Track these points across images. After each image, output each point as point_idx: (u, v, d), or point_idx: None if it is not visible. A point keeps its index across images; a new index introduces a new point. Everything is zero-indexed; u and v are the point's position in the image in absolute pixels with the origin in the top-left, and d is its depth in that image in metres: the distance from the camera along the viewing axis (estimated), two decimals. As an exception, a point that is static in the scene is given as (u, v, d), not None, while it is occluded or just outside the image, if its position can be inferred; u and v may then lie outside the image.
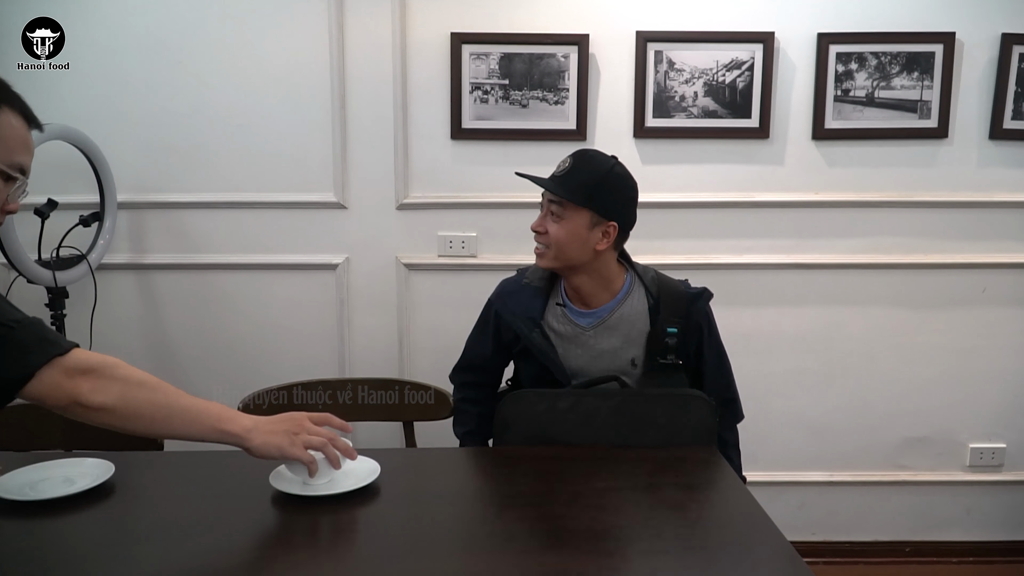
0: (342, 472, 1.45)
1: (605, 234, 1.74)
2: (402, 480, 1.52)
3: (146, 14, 2.55)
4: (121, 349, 2.70)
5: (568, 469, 1.55)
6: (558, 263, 1.77)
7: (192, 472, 1.60)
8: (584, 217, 1.72)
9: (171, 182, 2.64)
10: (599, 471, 1.55)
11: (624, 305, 1.80)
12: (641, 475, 1.54)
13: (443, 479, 1.58)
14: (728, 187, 2.64)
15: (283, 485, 1.43)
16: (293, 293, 2.69)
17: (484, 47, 2.56)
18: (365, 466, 1.51)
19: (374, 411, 2.17)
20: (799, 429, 2.76)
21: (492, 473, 1.66)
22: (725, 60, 2.56)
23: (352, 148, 2.62)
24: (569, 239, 1.72)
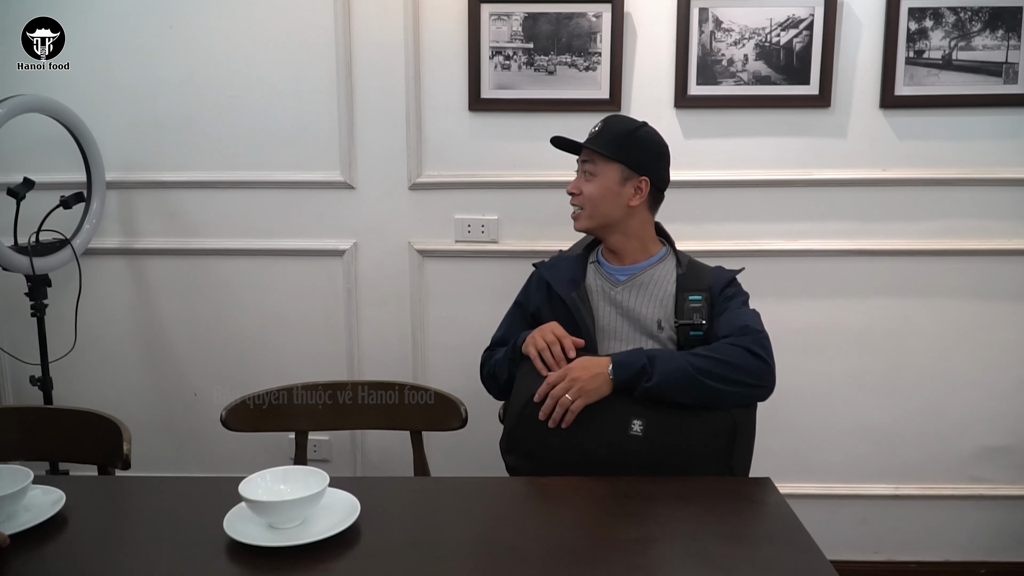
0: (320, 510, 1.20)
1: (637, 189, 1.78)
2: (388, 522, 1.27)
3: (132, -27, 2.31)
4: (110, 341, 2.50)
5: (591, 511, 1.28)
6: (593, 222, 1.81)
7: (146, 505, 1.35)
8: (615, 171, 1.77)
9: (163, 159, 2.41)
10: (626, 513, 1.27)
11: (656, 267, 1.81)
12: (679, 520, 1.26)
13: (438, 521, 1.32)
14: (783, 163, 2.33)
15: (242, 532, 1.18)
16: (296, 282, 2.45)
17: (506, 6, 2.28)
18: (343, 504, 1.26)
19: (377, 418, 1.93)
20: (861, 437, 2.45)
21: (498, 514, 1.37)
22: (780, 18, 2.25)
23: (360, 122, 2.36)
24: (602, 194, 1.78)
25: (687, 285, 1.75)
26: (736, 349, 1.59)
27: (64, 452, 1.83)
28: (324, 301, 2.45)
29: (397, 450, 2.38)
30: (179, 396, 2.52)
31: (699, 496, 1.33)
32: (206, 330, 2.49)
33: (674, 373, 1.52)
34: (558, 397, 1.55)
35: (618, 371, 1.55)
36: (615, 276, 1.81)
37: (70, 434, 1.77)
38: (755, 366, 1.58)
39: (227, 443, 2.24)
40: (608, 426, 1.54)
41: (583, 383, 1.54)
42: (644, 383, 1.53)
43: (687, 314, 1.70)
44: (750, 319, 1.68)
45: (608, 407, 1.55)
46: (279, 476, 1.28)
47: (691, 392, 1.53)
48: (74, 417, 1.78)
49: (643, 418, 1.53)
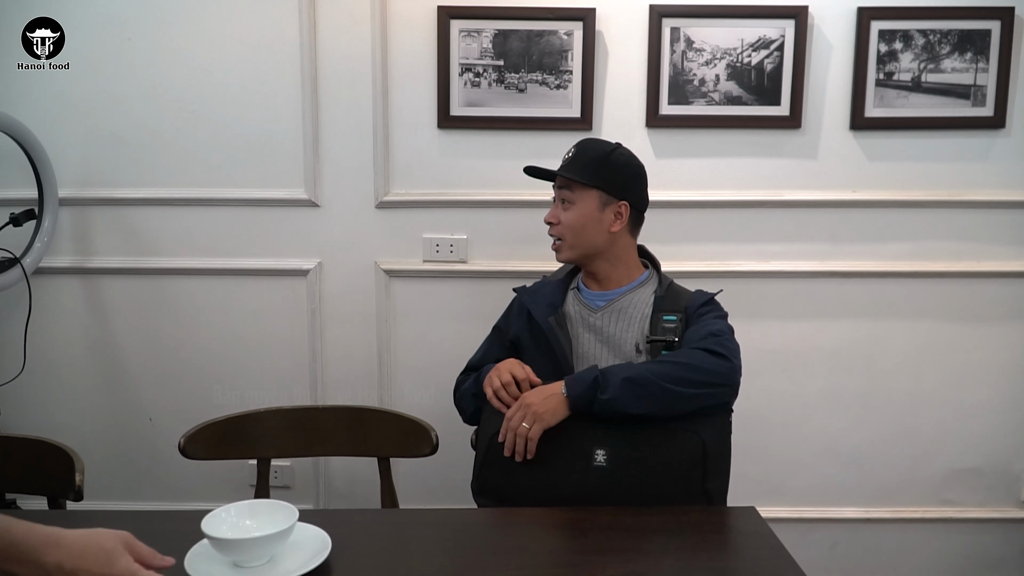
0: (288, 549, 1.14)
1: (618, 215, 1.73)
2: (360, 559, 1.20)
3: (89, -17, 2.24)
4: (61, 365, 2.39)
5: (572, 545, 1.23)
6: (575, 252, 1.76)
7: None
8: (593, 197, 1.72)
9: (119, 176, 2.32)
10: (612, 548, 1.22)
11: (635, 292, 1.77)
12: (666, 555, 1.21)
13: (413, 556, 1.26)
14: (753, 184, 2.32)
15: (205, 572, 1.11)
16: (258, 302, 2.37)
17: (476, 23, 2.24)
18: (312, 540, 1.19)
19: (343, 444, 1.86)
20: (832, 458, 2.44)
21: (476, 549, 1.30)
22: (751, 38, 2.24)
23: (325, 138, 2.30)
24: (582, 222, 1.72)
25: (663, 306, 1.72)
26: (695, 351, 1.55)
27: (11, 483, 1.74)
28: (287, 322, 2.37)
29: (363, 476, 2.31)
30: (134, 422, 2.42)
31: (685, 529, 1.29)
32: (164, 353, 2.40)
33: (628, 381, 1.47)
34: (515, 428, 1.50)
35: (570, 387, 1.51)
36: (594, 302, 1.77)
37: (18, 464, 1.67)
38: (715, 364, 1.53)
39: (186, 471, 2.15)
40: (571, 460, 1.49)
41: (535, 407, 1.50)
42: (600, 395, 1.47)
43: (660, 332, 1.67)
44: (716, 327, 1.64)
45: (568, 439, 1.49)
46: (244, 511, 1.21)
47: (650, 399, 1.47)
48: (22, 445, 1.68)
49: (605, 447, 1.48)
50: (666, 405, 1.48)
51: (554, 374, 1.66)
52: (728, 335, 1.62)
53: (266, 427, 1.84)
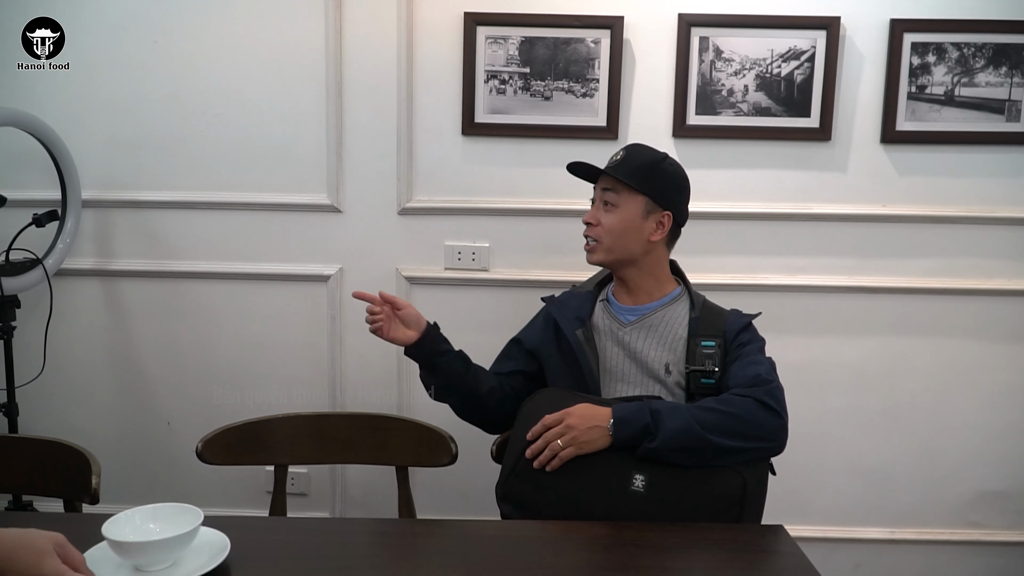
0: (190, 550, 1.15)
1: (659, 224, 1.69)
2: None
3: (117, -15, 2.24)
4: (80, 367, 2.39)
5: (593, 560, 1.20)
6: (611, 256, 1.71)
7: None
8: (639, 203, 1.68)
9: (142, 178, 2.32)
10: (637, 565, 1.19)
11: (668, 308, 1.72)
12: (692, 573, 1.18)
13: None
14: (781, 196, 2.29)
15: (105, 573, 1.10)
16: (279, 307, 2.36)
17: (502, 29, 2.22)
18: (212, 544, 1.19)
19: (361, 452, 1.84)
20: (856, 478, 2.39)
21: (491, 563, 1.26)
22: (781, 49, 2.21)
23: (349, 144, 2.29)
24: (624, 227, 1.68)
25: (700, 330, 1.66)
26: (747, 401, 1.48)
27: (28, 485, 1.73)
28: (307, 328, 2.36)
29: (380, 484, 2.29)
30: (152, 426, 2.41)
31: (711, 546, 1.26)
32: (183, 357, 2.39)
33: (680, 433, 1.41)
34: (550, 440, 1.46)
35: (619, 428, 1.44)
36: (624, 316, 1.72)
37: (35, 465, 1.66)
38: (767, 421, 1.47)
39: (203, 476, 2.13)
40: (608, 481, 1.43)
41: (578, 432, 1.45)
42: (647, 444, 1.42)
43: (699, 360, 1.61)
44: (763, 369, 1.57)
45: (608, 459, 1.45)
46: (148, 514, 1.21)
47: (697, 455, 1.42)
48: (39, 447, 1.67)
49: (646, 472, 1.43)
50: (711, 459, 1.44)
51: (579, 387, 1.64)
52: (776, 384, 1.55)
53: (283, 433, 1.83)
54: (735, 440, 1.44)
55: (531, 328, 1.86)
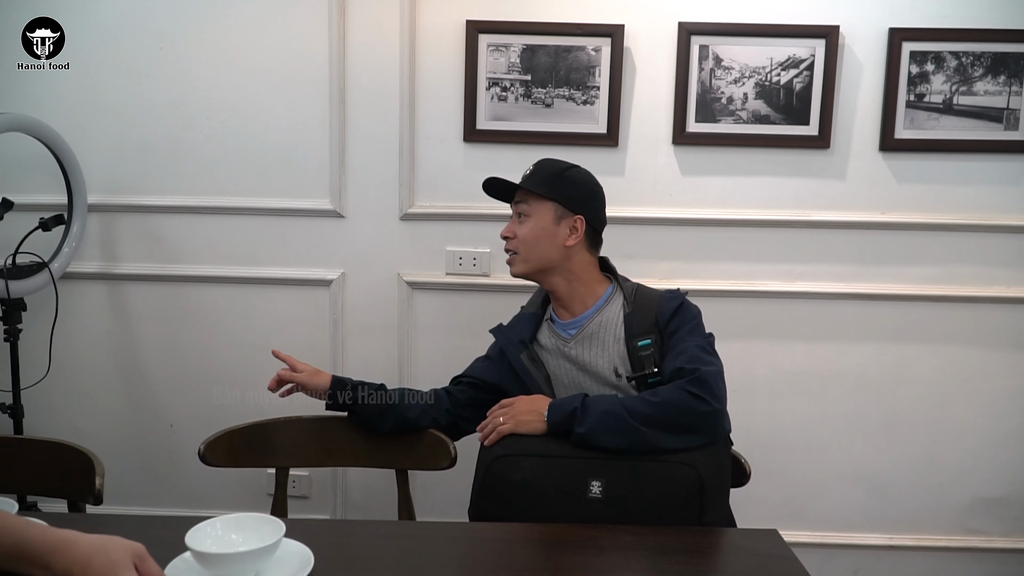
0: (272, 564, 1.13)
1: (573, 229, 1.72)
2: (344, 574, 1.18)
3: (123, -7, 2.27)
4: (85, 369, 2.41)
5: (585, 563, 1.21)
6: (529, 265, 1.74)
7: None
8: (549, 210, 1.71)
9: (147, 183, 2.34)
10: (630, 568, 1.21)
11: (602, 312, 1.73)
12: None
13: (402, 572, 1.24)
14: (780, 203, 2.30)
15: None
16: (281, 311, 2.38)
17: (504, 37, 2.24)
18: (295, 556, 1.18)
19: (362, 455, 1.85)
20: (855, 483, 2.40)
21: (476, 564, 1.28)
22: (781, 57, 2.23)
23: (352, 149, 2.31)
24: (537, 235, 1.71)
25: (634, 328, 1.68)
26: (675, 392, 1.50)
27: (33, 485, 1.74)
28: (310, 332, 2.38)
29: (381, 487, 2.30)
30: (156, 428, 2.43)
31: (705, 549, 1.27)
32: (186, 360, 2.41)
33: (605, 417, 1.47)
34: (495, 418, 1.57)
35: (551, 413, 1.53)
36: (565, 331, 1.74)
37: (39, 466, 1.67)
38: (696, 408, 1.47)
39: (205, 478, 2.15)
40: (566, 490, 1.46)
41: (518, 413, 1.56)
42: (576, 428, 1.48)
43: (639, 363, 1.64)
44: (693, 352, 1.58)
45: (563, 468, 1.47)
46: (231, 524, 1.19)
47: (626, 438, 1.46)
48: (44, 448, 1.68)
49: (601, 478, 1.46)
50: (643, 446, 1.46)
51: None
52: (705, 370, 1.52)
53: (285, 436, 1.85)
54: (663, 431, 1.46)
55: (494, 359, 1.87)
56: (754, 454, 2.31)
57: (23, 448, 1.72)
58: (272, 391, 1.80)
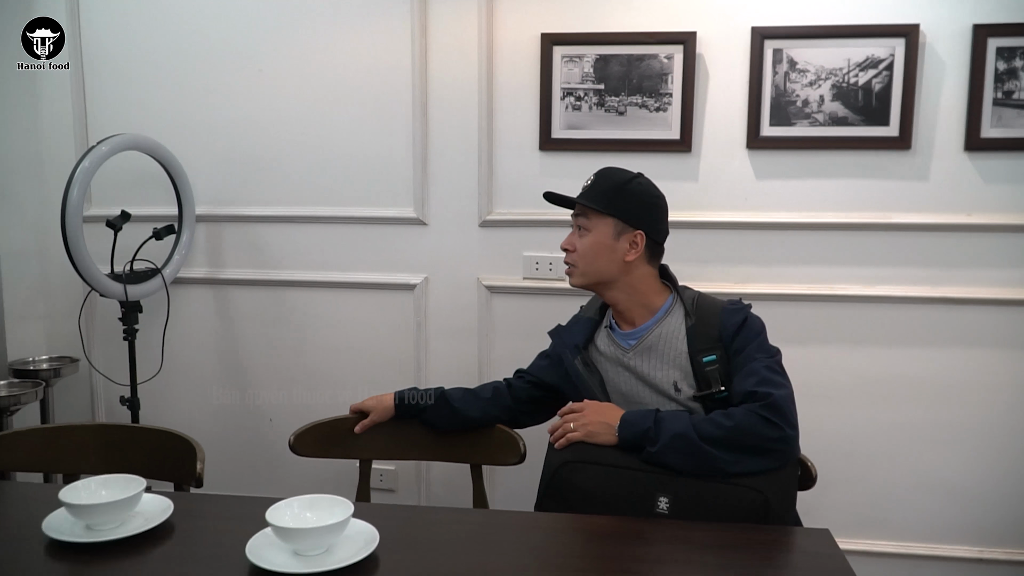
0: (342, 540, 1.24)
1: (633, 244, 1.70)
2: (407, 552, 1.28)
3: (226, 20, 2.46)
4: (193, 366, 2.62)
5: (631, 552, 1.27)
6: (587, 279, 1.75)
7: (183, 522, 1.40)
8: (608, 225, 1.70)
9: (249, 195, 2.53)
10: (673, 559, 1.25)
11: (663, 324, 1.71)
12: (727, 569, 1.23)
13: (460, 555, 1.31)
14: (859, 206, 2.27)
15: (267, 557, 1.20)
16: (368, 314, 2.52)
17: (577, 48, 2.31)
18: (363, 534, 1.28)
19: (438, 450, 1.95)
20: (940, 493, 2.33)
21: (526, 549, 1.34)
22: (858, 58, 2.20)
23: (433, 160, 2.43)
24: (596, 250, 1.71)
25: (697, 343, 1.65)
26: (749, 416, 1.48)
27: (144, 469, 1.92)
28: (395, 333, 2.51)
29: (460, 482, 2.39)
30: (256, 421, 2.62)
31: (752, 545, 1.29)
32: (284, 358, 2.58)
33: (677, 440, 1.46)
34: (566, 423, 1.58)
35: (623, 429, 1.53)
36: (625, 342, 1.73)
37: (151, 452, 1.85)
38: (768, 434, 1.46)
39: (299, 468, 2.30)
40: (633, 503, 1.48)
41: (590, 423, 1.55)
42: (648, 448, 1.48)
43: (704, 379, 1.62)
44: (763, 374, 1.55)
45: (631, 481, 1.49)
46: (307, 504, 1.30)
47: (696, 461, 1.46)
48: (154, 436, 1.86)
49: (669, 494, 1.47)
50: (712, 469, 1.46)
51: None
52: (777, 394, 1.50)
53: (369, 429, 1.96)
54: (735, 453, 1.46)
55: (548, 360, 1.91)
56: (833, 461, 2.31)
57: (137, 435, 1.90)
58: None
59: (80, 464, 1.83)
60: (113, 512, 1.31)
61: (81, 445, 1.85)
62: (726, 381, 1.61)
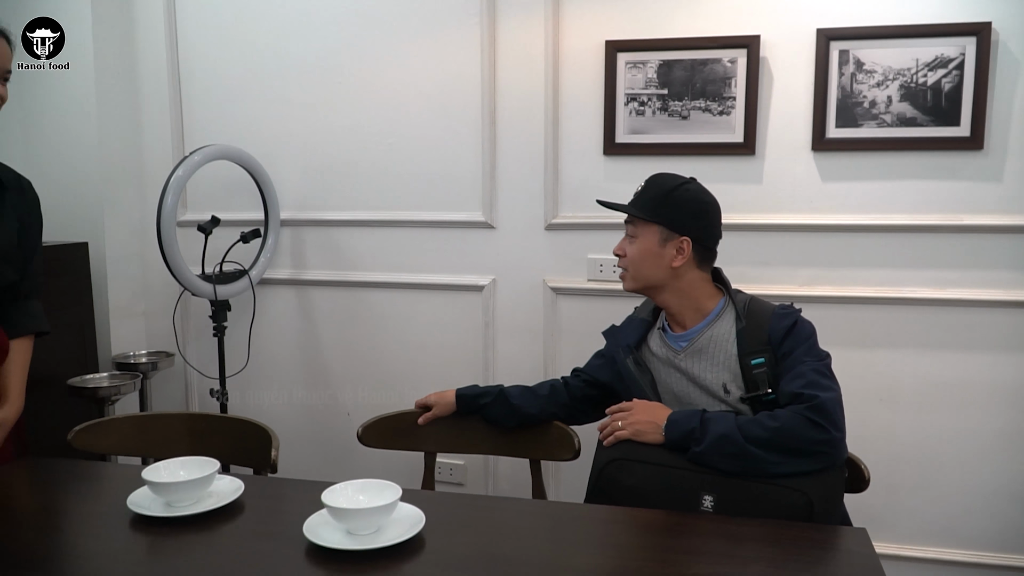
0: (391, 521, 1.33)
1: (679, 250, 1.72)
2: (450, 534, 1.36)
3: (308, 38, 2.62)
4: (275, 362, 2.78)
5: (664, 543, 1.32)
6: (637, 284, 1.78)
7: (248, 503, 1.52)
8: (654, 233, 1.74)
9: (329, 200, 2.68)
10: (705, 550, 1.30)
11: (714, 327, 1.73)
12: (756, 562, 1.26)
13: (504, 537, 1.39)
14: (929, 208, 2.23)
15: (322, 535, 1.30)
16: (439, 314, 2.63)
17: (641, 55, 2.36)
18: (411, 515, 1.37)
19: (498, 444, 2.03)
20: (1011, 503, 2.26)
21: (568, 538, 1.40)
22: (927, 58, 2.17)
23: (501, 166, 2.52)
24: (643, 257, 1.75)
25: (747, 346, 1.67)
26: (794, 417, 1.50)
27: (226, 454, 2.07)
28: (463, 333, 2.61)
29: (525, 477, 2.46)
30: (335, 414, 2.76)
31: (784, 540, 1.31)
32: (359, 355, 2.72)
33: (721, 441, 1.49)
34: (615, 420, 1.63)
35: (670, 429, 1.56)
36: (676, 343, 1.76)
37: (233, 439, 1.99)
38: (813, 435, 1.48)
39: (369, 460, 2.41)
40: (678, 501, 1.51)
41: (637, 422, 1.60)
42: (694, 448, 1.51)
43: (752, 381, 1.64)
44: (810, 377, 1.56)
45: (678, 480, 1.52)
46: (359, 487, 1.40)
47: (740, 462, 1.48)
48: (235, 424, 2.01)
49: (714, 492, 1.50)
50: (756, 470, 1.48)
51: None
52: (823, 396, 1.51)
53: (432, 424, 2.05)
54: (779, 454, 1.47)
55: (603, 359, 1.96)
56: (899, 467, 2.29)
57: (221, 424, 2.06)
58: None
59: (170, 449, 1.98)
60: (189, 490, 1.44)
61: (170, 432, 2.01)
62: (774, 384, 1.62)
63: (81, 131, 2.69)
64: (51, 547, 1.33)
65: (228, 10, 2.67)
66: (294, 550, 1.28)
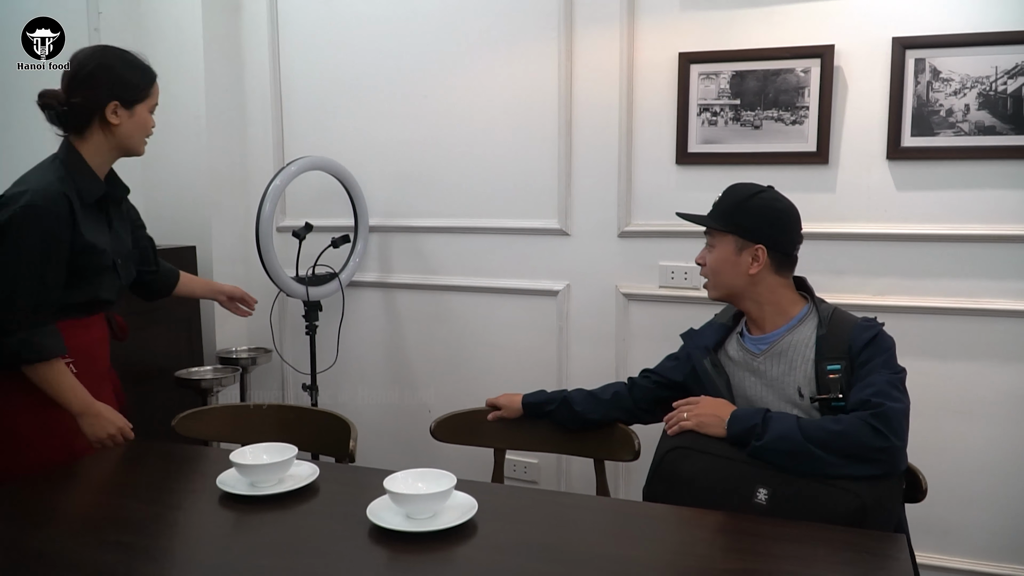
0: (445, 508, 1.45)
1: (755, 258, 1.75)
2: (502, 522, 1.46)
3: (396, 55, 2.78)
4: (362, 360, 2.96)
5: (693, 538, 1.38)
6: (718, 291, 1.83)
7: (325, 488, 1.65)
8: (730, 242, 1.77)
9: (414, 207, 2.83)
10: (739, 548, 1.36)
11: (795, 332, 1.75)
12: (787, 561, 1.30)
13: (554, 528, 1.47)
14: (1008, 217, 2.19)
15: (384, 518, 1.42)
16: (515, 317, 2.73)
17: (714, 66, 2.40)
18: (465, 503, 1.47)
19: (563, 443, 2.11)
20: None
21: (616, 531, 1.48)
22: (1007, 65, 2.13)
23: (576, 175, 2.61)
24: (720, 265, 1.79)
25: (826, 352, 1.68)
26: (856, 421, 1.52)
27: (315, 443, 2.24)
28: (538, 337, 2.70)
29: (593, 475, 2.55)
30: (417, 410, 2.90)
31: (817, 542, 1.35)
32: (441, 355, 2.86)
33: (782, 439, 1.52)
34: (681, 411, 1.70)
35: (732, 423, 1.62)
36: (755, 347, 1.79)
37: (318, 430, 2.15)
38: (873, 441, 1.49)
39: (444, 454, 2.53)
40: (733, 492, 1.56)
41: (702, 415, 1.67)
42: (754, 442, 1.55)
43: (825, 385, 1.65)
44: (881, 386, 1.57)
45: (735, 472, 1.57)
46: (419, 475, 1.51)
47: (798, 461, 1.51)
48: (319, 416, 2.17)
49: (770, 486, 1.53)
50: (814, 469, 1.51)
51: None
52: (889, 406, 1.52)
53: (501, 422, 2.15)
54: (837, 457, 1.50)
55: (677, 360, 2.00)
56: (973, 479, 2.25)
57: (307, 416, 2.22)
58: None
59: (261, 437, 2.11)
60: (270, 473, 1.59)
61: (261, 421, 2.18)
62: (846, 391, 1.64)
63: (192, 145, 2.93)
64: (151, 517, 1.50)
65: (323, 35, 2.87)
66: (358, 530, 1.41)
